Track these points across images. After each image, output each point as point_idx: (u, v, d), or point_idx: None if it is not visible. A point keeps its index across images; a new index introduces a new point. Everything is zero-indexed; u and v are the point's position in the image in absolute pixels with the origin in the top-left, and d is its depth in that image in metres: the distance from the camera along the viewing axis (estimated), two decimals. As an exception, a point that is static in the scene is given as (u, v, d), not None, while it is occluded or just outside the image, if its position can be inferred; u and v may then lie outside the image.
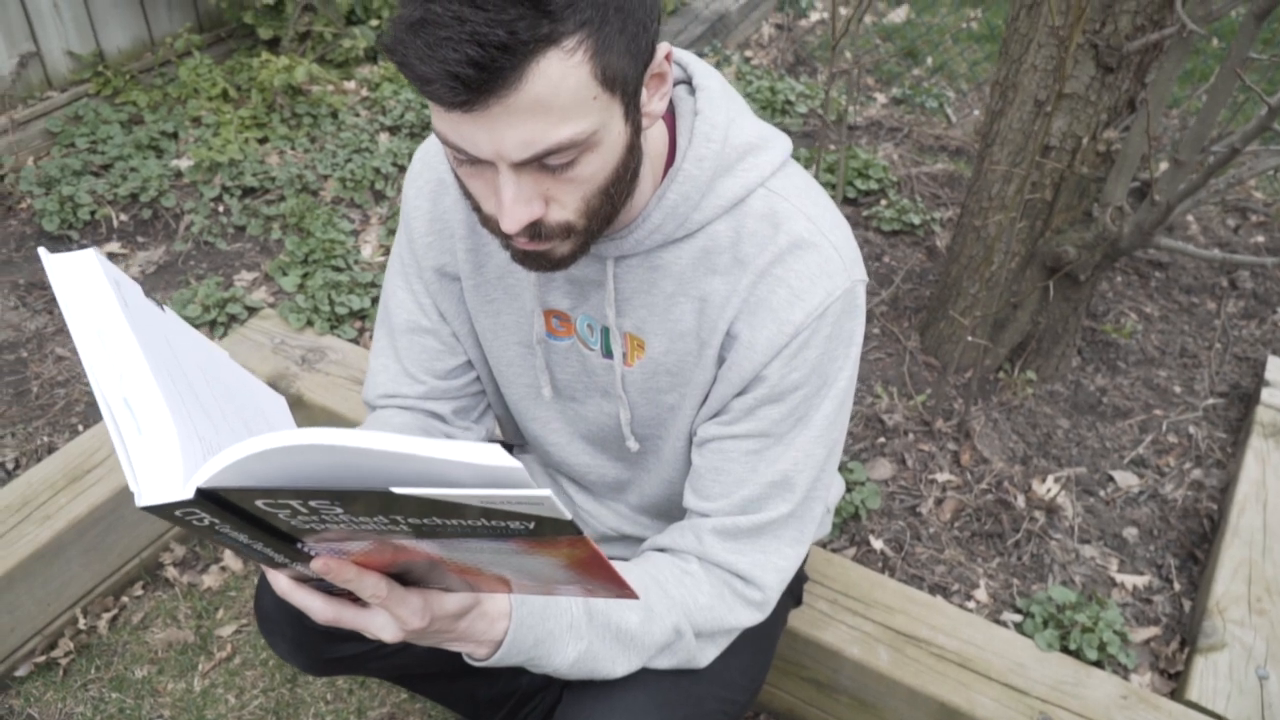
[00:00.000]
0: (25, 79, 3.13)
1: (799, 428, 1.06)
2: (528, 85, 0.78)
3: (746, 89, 3.29)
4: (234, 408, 0.84)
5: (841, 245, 1.03)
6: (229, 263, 2.62)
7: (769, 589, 1.10)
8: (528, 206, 0.87)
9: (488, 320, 1.19)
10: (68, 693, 1.78)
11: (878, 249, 2.64)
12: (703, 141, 1.00)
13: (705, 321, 1.05)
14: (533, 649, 0.97)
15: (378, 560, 0.79)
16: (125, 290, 0.76)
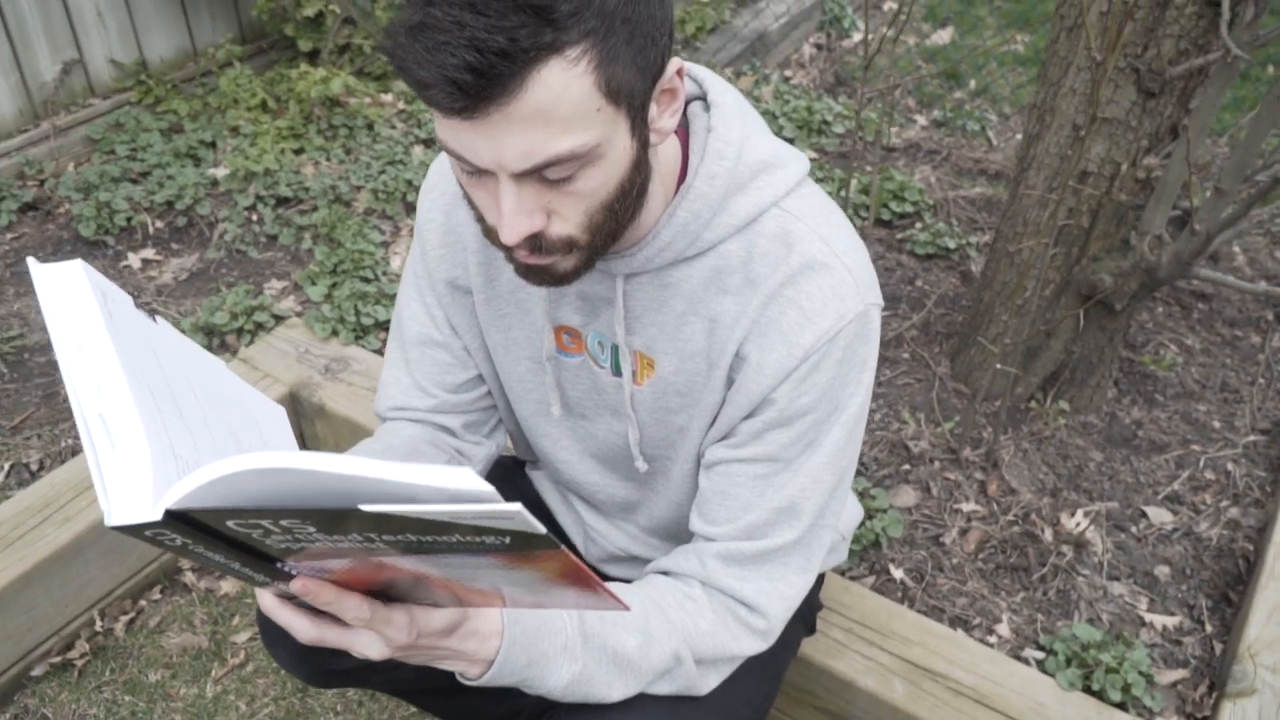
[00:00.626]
0: (68, 86, 3.18)
1: (808, 453, 1.03)
2: (528, 94, 0.76)
3: (784, 108, 3.27)
4: (224, 422, 0.83)
5: (856, 267, 1.00)
6: (260, 271, 2.64)
7: (774, 617, 1.07)
8: (528, 219, 0.86)
9: (499, 335, 1.18)
10: (82, 694, 1.79)
11: (910, 272, 2.60)
12: (715, 159, 0.98)
13: (715, 342, 1.03)
14: (525, 669, 0.95)
15: (361, 577, 0.77)
16: (112, 302, 0.75)
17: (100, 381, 0.69)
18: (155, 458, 0.66)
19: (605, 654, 1.00)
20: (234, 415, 0.86)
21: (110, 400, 0.68)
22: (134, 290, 2.55)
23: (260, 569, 0.73)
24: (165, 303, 2.51)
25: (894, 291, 2.52)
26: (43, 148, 3.04)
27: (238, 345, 2.32)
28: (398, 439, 1.22)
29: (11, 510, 1.82)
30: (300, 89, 3.13)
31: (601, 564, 1.37)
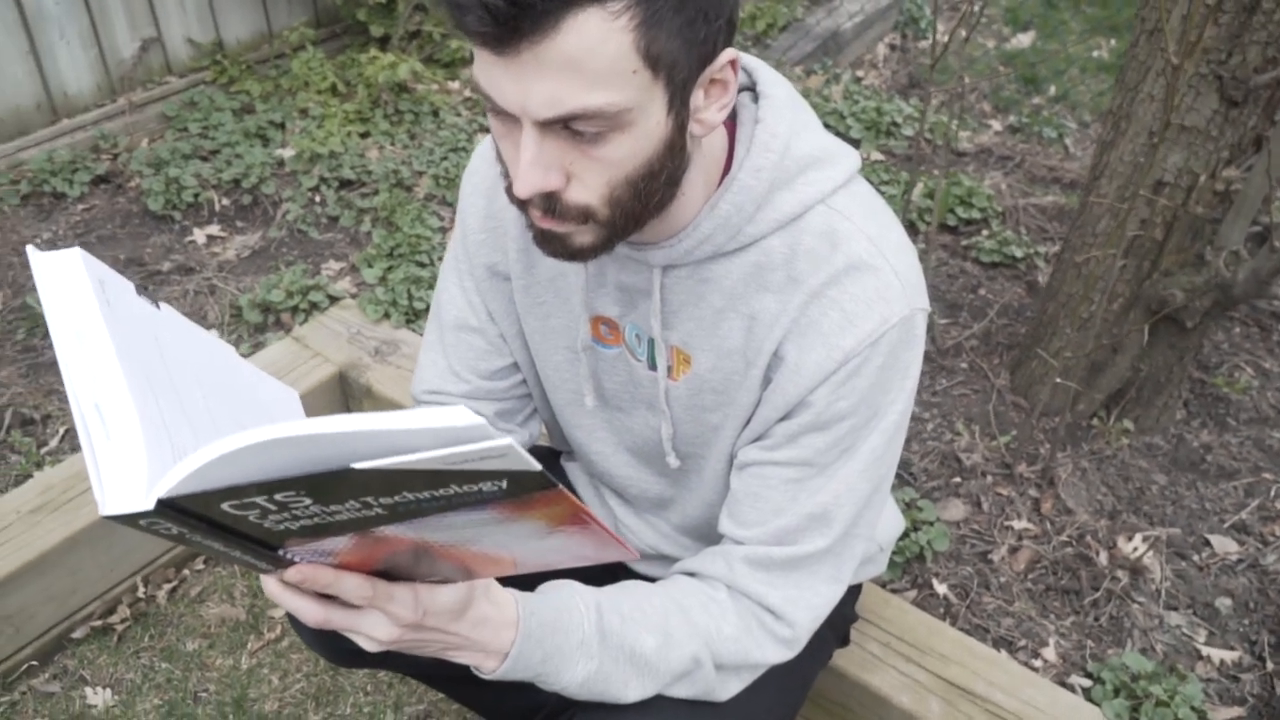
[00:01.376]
0: (146, 63, 3.25)
1: (843, 459, 0.99)
2: (562, 37, 0.74)
3: (852, 108, 3.21)
4: (230, 410, 0.82)
5: (903, 270, 0.96)
6: (319, 251, 2.66)
7: (800, 627, 1.04)
8: (544, 173, 0.83)
9: (536, 322, 1.16)
10: (120, 658, 1.81)
11: (974, 280, 2.53)
12: (761, 151, 0.95)
13: (753, 340, 1.00)
14: (541, 664, 0.93)
15: (361, 556, 0.76)
16: (111, 290, 0.74)
17: (96, 371, 0.68)
18: (150, 447, 0.65)
19: (623, 653, 0.97)
20: (242, 403, 0.85)
21: (106, 390, 0.67)
22: (196, 265, 2.60)
23: (261, 556, 0.72)
24: (226, 279, 2.54)
25: (955, 299, 2.45)
26: (118, 123, 3.10)
27: (292, 323, 2.34)
28: None
29: (63, 474, 1.86)
30: (369, 74, 3.15)
31: (632, 561, 1.35)
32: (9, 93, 2.94)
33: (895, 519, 1.38)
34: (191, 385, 0.79)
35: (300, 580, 0.75)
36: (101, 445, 0.65)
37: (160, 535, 0.66)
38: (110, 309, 0.73)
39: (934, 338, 2.29)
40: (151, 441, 0.66)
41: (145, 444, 0.65)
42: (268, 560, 0.73)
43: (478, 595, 0.87)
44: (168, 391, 0.74)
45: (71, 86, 3.09)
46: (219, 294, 2.48)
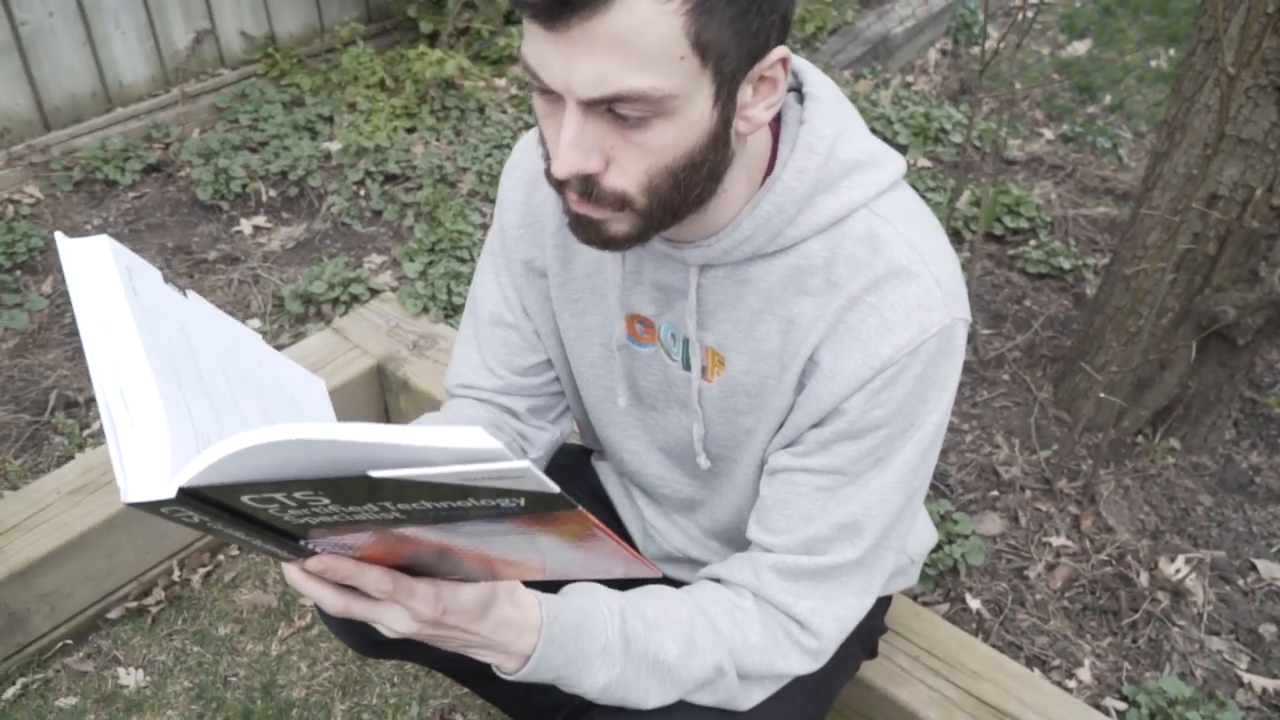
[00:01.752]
0: (199, 55, 3.29)
1: (877, 469, 0.98)
2: (613, 14, 0.73)
3: (900, 113, 3.17)
4: (255, 398, 0.82)
5: (945, 279, 0.94)
6: (362, 244, 2.68)
7: (826, 638, 1.02)
8: (584, 155, 0.82)
9: (571, 319, 1.16)
10: (154, 640, 1.84)
11: (1019, 291, 2.49)
12: (805, 153, 0.93)
13: (789, 344, 0.98)
14: (563, 668, 0.93)
15: (384, 552, 0.76)
16: (138, 277, 0.75)
17: (121, 358, 0.68)
18: (174, 435, 0.65)
19: (645, 660, 0.96)
20: (268, 391, 0.85)
21: (130, 377, 0.67)
22: (242, 255, 2.63)
23: (283, 545, 0.72)
24: (270, 269, 2.57)
25: (999, 310, 2.42)
26: (171, 113, 3.15)
27: (332, 315, 2.36)
28: (460, 417, 1.21)
29: (104, 456, 1.88)
30: (417, 69, 3.17)
31: (659, 563, 1.34)
32: (66, 81, 2.99)
33: (927, 531, 1.36)
34: (217, 373, 0.79)
35: (322, 570, 0.75)
36: (125, 432, 0.65)
37: (182, 523, 0.66)
38: (136, 297, 0.73)
39: (976, 348, 2.25)
40: (175, 429, 0.66)
41: (169, 432, 0.65)
42: (290, 550, 0.73)
43: (501, 597, 0.87)
44: (193, 379, 0.74)
45: (126, 76, 3.14)
46: (262, 284, 2.51)
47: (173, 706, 1.72)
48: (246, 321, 2.39)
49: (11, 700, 1.71)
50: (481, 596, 0.84)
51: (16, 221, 2.66)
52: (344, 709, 1.73)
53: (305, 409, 0.90)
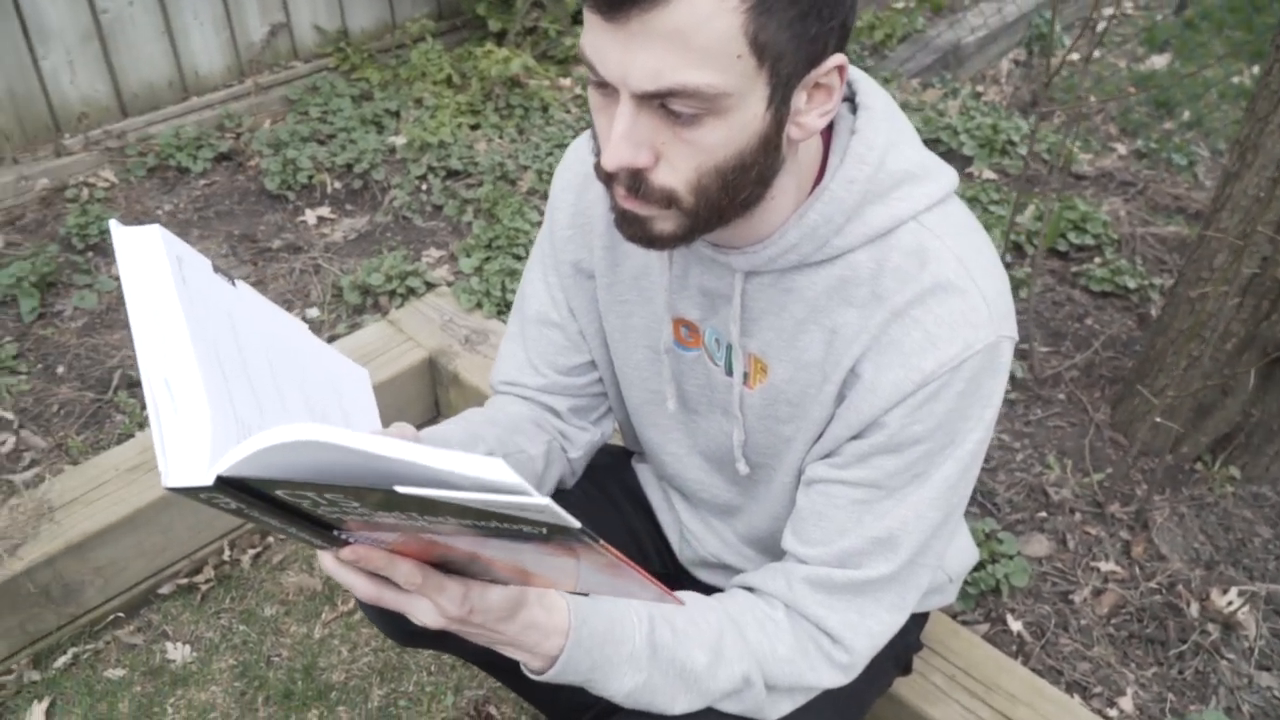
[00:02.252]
0: (274, 47, 3.37)
1: (915, 485, 0.97)
2: (672, 8, 0.74)
3: (967, 124, 3.13)
4: (298, 387, 0.84)
5: (992, 295, 0.93)
6: (421, 239, 2.72)
7: (857, 653, 1.01)
8: (634, 149, 0.82)
9: (617, 320, 1.16)
10: (201, 617, 1.88)
11: (1081, 309, 2.43)
12: (855, 163, 0.93)
13: (832, 355, 0.98)
14: (589, 672, 0.93)
15: (415, 548, 0.77)
16: (188, 266, 0.76)
17: (167, 345, 0.70)
18: (215, 423, 0.67)
19: (673, 668, 0.96)
20: (311, 380, 0.87)
21: (175, 364, 0.69)
22: (305, 244, 2.68)
23: (317, 534, 0.74)
24: (331, 259, 2.62)
25: (1059, 328, 2.37)
26: (244, 103, 3.23)
27: (388, 307, 2.40)
28: (502, 414, 1.22)
29: (161, 437, 1.93)
30: (483, 67, 3.21)
31: (693, 568, 1.34)
32: (144, 70, 3.08)
33: (968, 549, 1.34)
34: (262, 362, 0.81)
35: (355, 559, 0.76)
36: (168, 418, 0.67)
37: (220, 509, 0.68)
38: (185, 286, 0.75)
39: (1032, 366, 2.21)
40: (217, 417, 0.68)
41: (210, 419, 0.67)
42: (325, 539, 0.75)
43: (530, 600, 0.87)
44: (237, 368, 0.76)
45: (203, 67, 3.22)
46: (323, 274, 2.55)
47: (216, 683, 1.77)
48: (305, 310, 2.43)
49: (62, 669, 1.77)
50: (509, 599, 0.84)
51: (91, 204, 2.75)
52: (381, 694, 1.75)
53: (348, 399, 0.92)
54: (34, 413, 2.14)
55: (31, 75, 2.87)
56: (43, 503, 1.77)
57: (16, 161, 2.86)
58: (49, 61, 2.89)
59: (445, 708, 1.73)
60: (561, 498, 1.37)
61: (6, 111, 2.86)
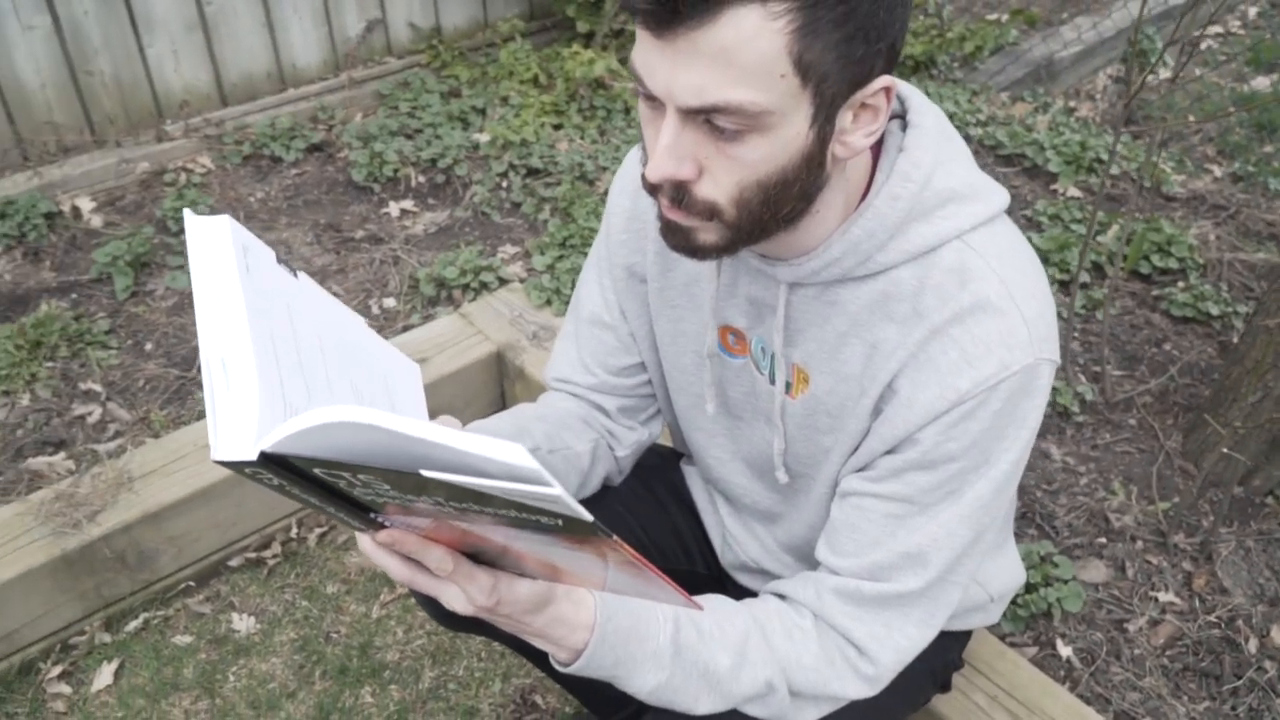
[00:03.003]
0: (369, 43, 3.47)
1: (947, 502, 0.97)
2: (720, 27, 0.76)
3: (1054, 140, 3.07)
4: (348, 376, 0.87)
5: (1033, 317, 0.93)
6: (498, 234, 2.78)
7: (883, 666, 1.02)
8: (677, 162, 0.84)
9: (668, 325, 1.19)
10: (267, 590, 1.96)
11: (1159, 333, 2.38)
12: (901, 180, 0.94)
13: (870, 369, 0.99)
14: (613, 668, 0.96)
15: (449, 537, 0.80)
16: (253, 256, 0.80)
17: (226, 328, 0.73)
18: (263, 403, 0.70)
19: (696, 669, 0.98)
20: (363, 371, 0.90)
21: (232, 346, 0.72)
22: (386, 236, 2.76)
23: (354, 515, 0.77)
24: (410, 251, 2.69)
25: (1135, 351, 2.32)
26: (337, 96, 3.33)
27: (462, 300, 2.46)
28: (552, 410, 1.25)
29: (239, 415, 2.02)
30: (569, 68, 3.26)
31: (734, 571, 1.36)
32: (244, 61, 3.21)
33: (1014, 570, 1.33)
34: (315, 351, 0.85)
35: (390, 542, 0.80)
36: (222, 396, 0.71)
37: (263, 484, 0.71)
38: (248, 274, 0.79)
39: (1104, 389, 2.17)
40: (265, 399, 0.71)
41: (259, 400, 0.71)
42: (362, 521, 0.78)
43: (558, 595, 0.90)
44: (290, 354, 0.80)
45: (300, 59, 3.33)
46: (401, 265, 2.63)
47: (277, 654, 1.84)
48: (383, 300, 2.51)
49: (133, 633, 1.86)
50: (536, 593, 0.87)
51: (188, 189, 2.87)
52: (432, 676, 1.81)
53: (398, 392, 0.96)
54: (121, 386, 2.25)
55: (137, 63, 3.01)
56: (123, 473, 1.87)
57: (119, 145, 3.00)
58: (154, 50, 3.02)
59: (493, 693, 1.78)
60: (609, 495, 1.40)
61: (113, 97, 3.00)
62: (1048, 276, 2.40)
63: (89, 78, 2.95)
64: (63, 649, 1.81)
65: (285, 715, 1.72)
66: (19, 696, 1.74)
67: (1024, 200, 2.88)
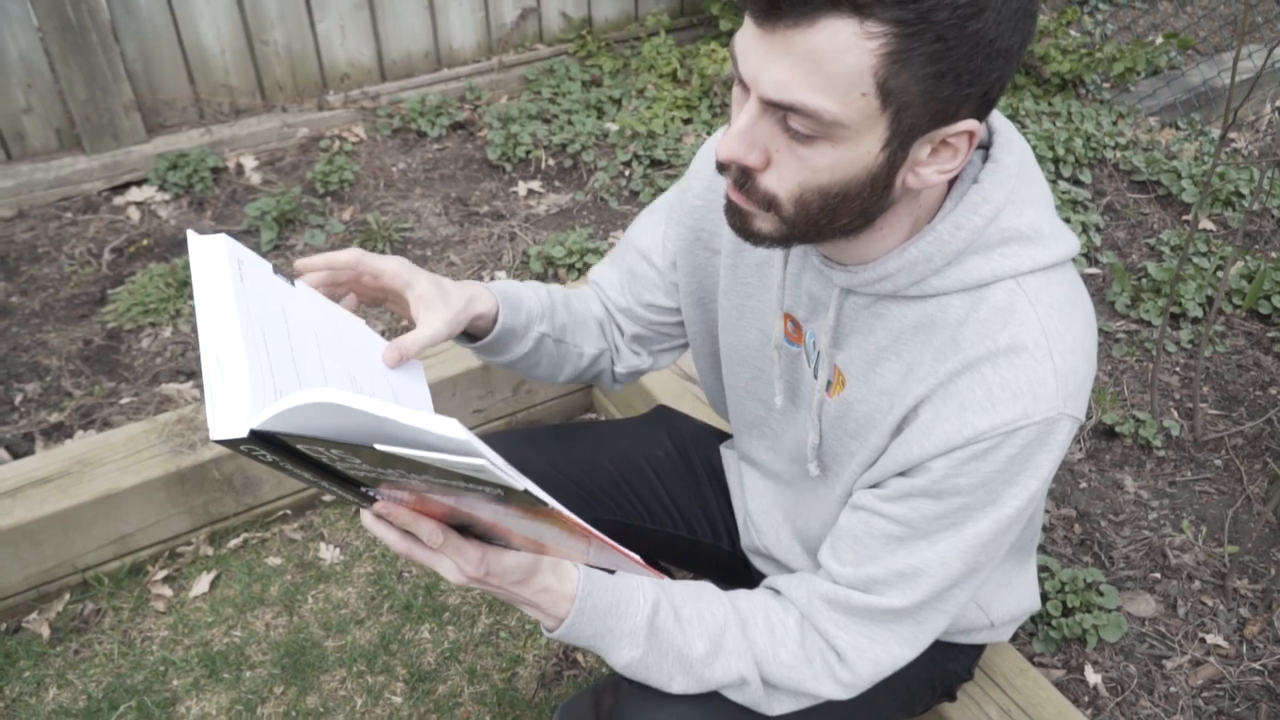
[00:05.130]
0: (522, 30, 3.64)
1: (949, 533, 1.00)
2: (815, 32, 0.78)
3: (1194, 169, 2.96)
4: (345, 368, 0.96)
5: (1066, 372, 0.94)
6: (613, 221, 2.89)
7: (860, 675, 1.06)
8: (746, 147, 0.87)
9: (736, 299, 1.21)
10: (353, 527, 2.14)
11: (1267, 376, 2.29)
12: (968, 211, 0.95)
13: (902, 388, 1.01)
14: (592, 639, 1.04)
15: (439, 512, 0.89)
16: (248, 269, 0.91)
17: (221, 329, 0.84)
18: (254, 390, 0.80)
19: (671, 651, 1.05)
20: (362, 364, 0.99)
21: (226, 344, 0.83)
22: (508, 213, 2.92)
23: (349, 491, 0.85)
24: (527, 229, 2.84)
25: (1236, 392, 2.24)
26: (486, 79, 3.52)
27: (565, 279, 2.59)
28: (581, 305, 1.33)
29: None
30: (704, 65, 3.34)
31: (750, 555, 1.41)
32: (405, 40, 3.43)
33: (1025, 597, 1.32)
34: (310, 346, 0.94)
35: (385, 514, 0.89)
36: (218, 387, 0.81)
37: (259, 461, 0.81)
38: (242, 284, 0.90)
39: (1194, 427, 2.11)
40: (256, 386, 0.81)
41: (250, 388, 0.80)
42: (356, 496, 0.87)
43: (544, 567, 1.00)
44: (283, 349, 0.89)
45: (456, 41, 3.54)
46: (516, 241, 2.78)
47: (353, 585, 2.01)
48: (495, 272, 2.66)
49: (233, 550, 2.06)
50: (522, 565, 0.96)
51: (339, 156, 3.10)
52: (487, 623, 1.94)
53: (400, 383, 1.04)
54: (254, 328, 2.48)
55: (308, 36, 3.27)
56: (239, 403, 2.07)
57: (285, 110, 3.27)
58: (324, 25, 3.28)
59: (539, 645, 1.89)
60: (647, 461, 1.47)
61: (283, 65, 3.27)
62: (1158, 309, 2.35)
63: (264, 46, 3.22)
64: (170, 556, 2.03)
65: (350, 639, 1.89)
66: (126, 593, 1.96)
67: (1150, 229, 2.80)
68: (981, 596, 1.27)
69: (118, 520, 1.94)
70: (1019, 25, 0.81)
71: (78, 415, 2.21)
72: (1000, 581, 1.29)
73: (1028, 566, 1.33)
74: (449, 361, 2.20)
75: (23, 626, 1.89)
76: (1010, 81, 0.89)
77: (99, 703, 1.77)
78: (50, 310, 2.54)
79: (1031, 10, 0.82)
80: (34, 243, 2.79)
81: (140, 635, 1.89)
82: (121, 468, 1.94)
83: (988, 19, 0.78)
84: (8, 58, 2.85)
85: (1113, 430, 2.10)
